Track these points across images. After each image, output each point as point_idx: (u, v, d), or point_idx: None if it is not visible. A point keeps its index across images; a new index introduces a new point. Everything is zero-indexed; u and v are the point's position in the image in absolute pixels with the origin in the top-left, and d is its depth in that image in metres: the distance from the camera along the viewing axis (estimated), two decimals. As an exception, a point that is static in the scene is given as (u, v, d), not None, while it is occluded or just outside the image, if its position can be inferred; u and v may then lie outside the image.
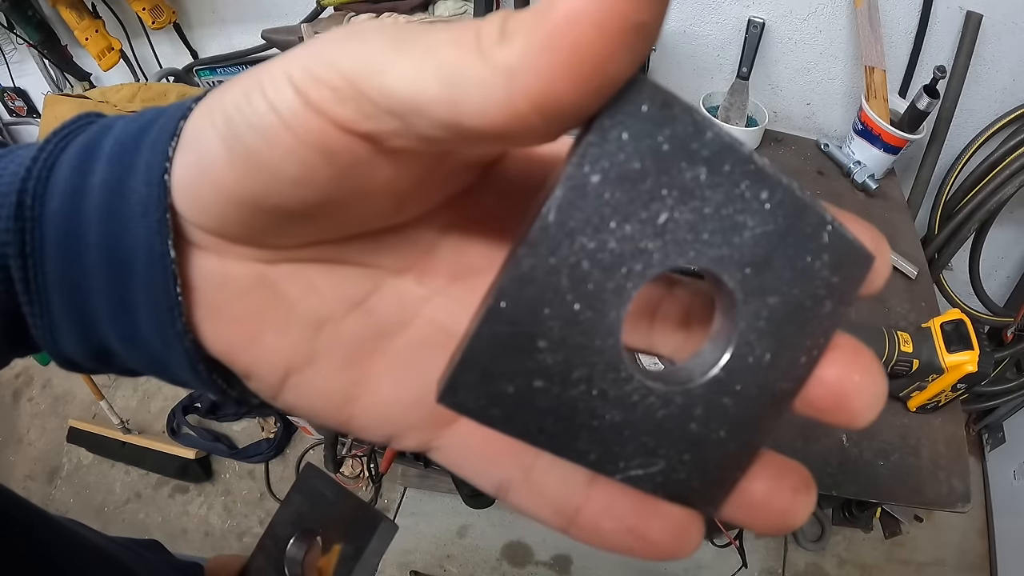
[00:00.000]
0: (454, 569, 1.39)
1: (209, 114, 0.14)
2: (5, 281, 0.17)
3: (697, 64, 1.10)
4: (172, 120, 0.15)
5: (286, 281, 0.17)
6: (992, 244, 1.13)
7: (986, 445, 1.46)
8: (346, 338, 0.17)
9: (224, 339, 0.17)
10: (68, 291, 0.16)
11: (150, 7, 1.20)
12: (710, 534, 1.32)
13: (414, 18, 0.99)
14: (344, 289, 0.17)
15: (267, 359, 0.17)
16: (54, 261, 0.16)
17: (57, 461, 1.59)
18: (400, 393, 0.18)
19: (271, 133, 0.13)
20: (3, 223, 0.16)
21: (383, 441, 0.18)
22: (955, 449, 0.71)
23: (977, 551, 1.38)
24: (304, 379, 0.17)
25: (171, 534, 1.46)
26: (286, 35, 1.09)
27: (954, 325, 0.67)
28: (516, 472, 0.17)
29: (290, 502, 0.40)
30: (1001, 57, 0.96)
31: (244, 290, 0.16)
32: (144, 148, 0.16)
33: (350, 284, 0.17)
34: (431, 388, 0.15)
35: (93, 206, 0.16)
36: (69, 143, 0.17)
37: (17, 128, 1.66)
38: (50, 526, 0.31)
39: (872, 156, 0.99)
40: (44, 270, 0.16)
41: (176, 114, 0.15)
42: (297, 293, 0.17)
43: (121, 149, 0.16)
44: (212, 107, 0.15)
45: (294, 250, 0.17)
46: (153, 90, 1.12)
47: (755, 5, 1.00)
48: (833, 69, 1.06)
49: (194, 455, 1.49)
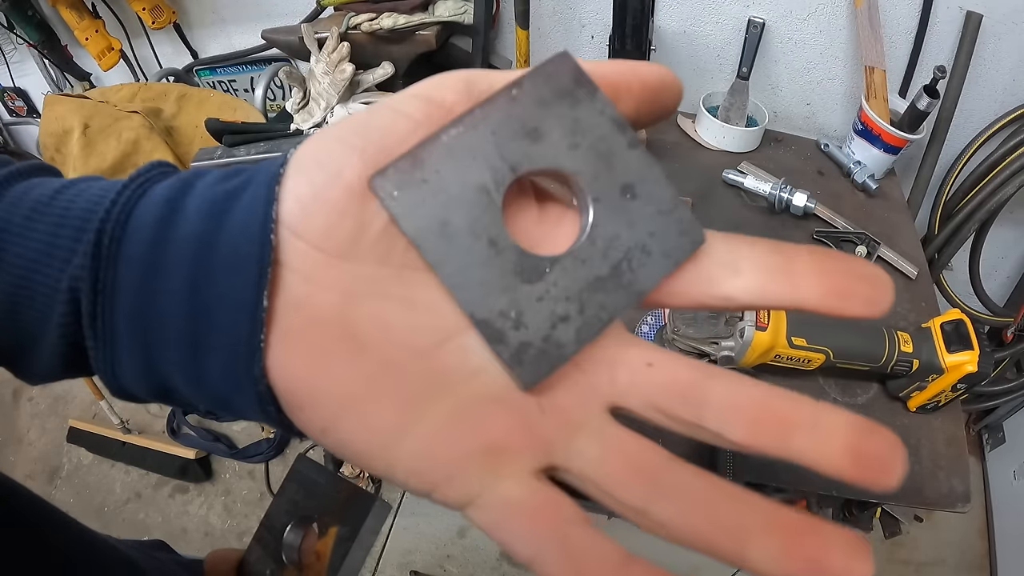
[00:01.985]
0: (454, 569, 1.39)
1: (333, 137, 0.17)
2: (74, 313, 0.18)
3: (697, 64, 1.10)
4: (268, 179, 0.17)
5: (362, 318, 0.17)
6: (992, 244, 1.13)
7: (986, 445, 1.46)
8: (409, 381, 0.17)
9: (290, 367, 0.17)
10: (137, 331, 0.17)
11: (150, 7, 1.20)
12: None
13: (414, 18, 0.99)
14: (417, 336, 0.18)
15: (328, 392, 0.17)
16: (126, 301, 0.17)
17: (57, 461, 1.59)
18: (451, 444, 0.17)
19: None
20: (80, 258, 0.17)
21: (423, 491, 0.18)
22: (955, 449, 0.71)
23: (977, 551, 1.38)
24: (359, 415, 0.17)
25: (171, 534, 1.46)
26: (286, 35, 1.09)
27: (954, 325, 0.67)
28: (552, 544, 0.17)
29: (284, 492, 0.40)
30: (1001, 57, 0.96)
31: (322, 320, 0.17)
32: (239, 208, 0.17)
33: (423, 331, 0.18)
34: (487, 442, 0.17)
35: (179, 256, 0.17)
36: (146, 191, 0.18)
37: (17, 128, 1.66)
38: (64, 524, 0.31)
39: (872, 156, 0.99)
40: (114, 308, 0.17)
41: (271, 172, 0.17)
42: (370, 331, 0.17)
43: (210, 208, 0.18)
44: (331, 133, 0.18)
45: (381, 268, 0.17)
46: (153, 90, 1.12)
47: (755, 5, 1.00)
48: (833, 69, 1.06)
49: (194, 455, 1.49)
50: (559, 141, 0.17)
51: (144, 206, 0.18)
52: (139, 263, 0.17)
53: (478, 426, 0.18)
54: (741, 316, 0.66)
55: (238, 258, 0.17)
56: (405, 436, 0.17)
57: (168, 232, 0.17)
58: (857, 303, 0.17)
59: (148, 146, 1.03)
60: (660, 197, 0.18)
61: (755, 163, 1.02)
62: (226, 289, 0.17)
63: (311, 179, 0.17)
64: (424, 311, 0.18)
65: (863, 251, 0.87)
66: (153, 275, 0.17)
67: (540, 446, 0.18)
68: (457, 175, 0.17)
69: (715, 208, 0.96)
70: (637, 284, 0.18)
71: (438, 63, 1.12)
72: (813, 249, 0.18)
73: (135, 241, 0.17)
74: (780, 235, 0.92)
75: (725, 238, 0.19)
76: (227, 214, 0.17)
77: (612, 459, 0.18)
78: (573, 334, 0.17)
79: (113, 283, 0.17)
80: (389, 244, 0.17)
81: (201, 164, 0.98)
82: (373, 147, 0.17)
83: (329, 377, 0.17)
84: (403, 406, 0.17)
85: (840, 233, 0.91)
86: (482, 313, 0.17)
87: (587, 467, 0.18)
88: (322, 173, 0.17)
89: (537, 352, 0.17)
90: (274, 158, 0.18)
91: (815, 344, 0.66)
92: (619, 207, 0.18)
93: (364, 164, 0.17)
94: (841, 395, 0.74)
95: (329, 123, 0.98)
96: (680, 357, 0.18)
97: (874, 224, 0.94)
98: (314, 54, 0.99)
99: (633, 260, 0.18)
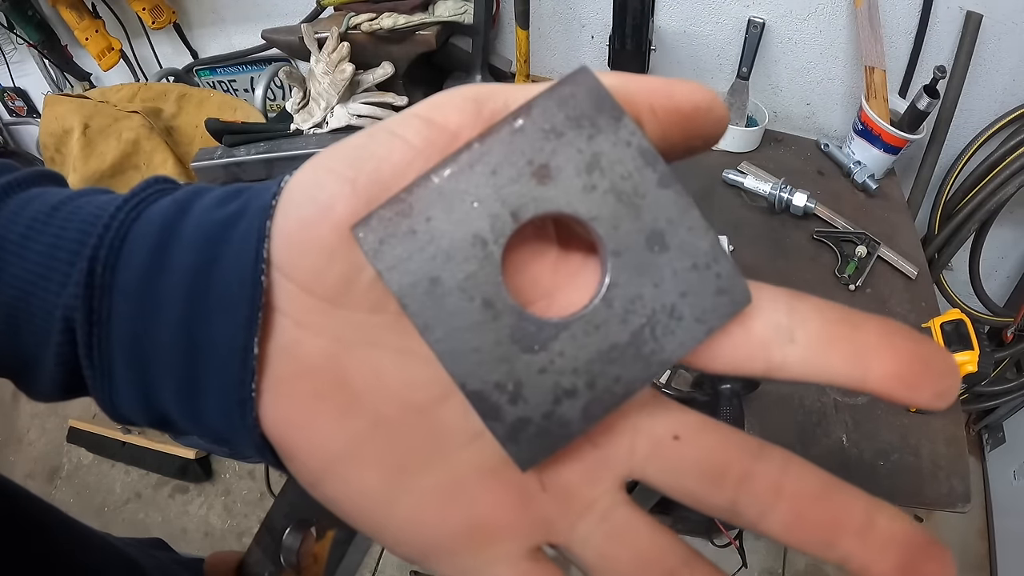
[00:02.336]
0: (454, 569, 1.39)
1: (325, 167, 0.16)
2: (70, 343, 0.17)
3: (697, 64, 1.10)
4: (261, 211, 0.16)
5: (355, 367, 0.16)
6: (992, 244, 1.13)
7: (986, 445, 1.46)
8: (402, 442, 0.16)
9: (280, 416, 0.16)
10: (134, 363, 0.17)
11: (150, 7, 1.20)
12: (710, 534, 1.32)
13: (414, 18, 0.99)
14: (413, 391, 0.17)
15: (317, 445, 0.16)
16: (122, 331, 0.17)
17: (57, 461, 1.59)
18: (441, 518, 0.16)
19: None
20: (73, 288, 0.17)
21: (413, 558, 0.17)
22: (955, 449, 0.71)
23: (977, 551, 1.38)
24: (347, 475, 0.16)
25: (171, 534, 1.46)
26: (286, 35, 1.09)
27: (954, 325, 0.67)
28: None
29: (285, 494, 0.40)
30: (1001, 57, 0.96)
31: (313, 368, 0.16)
32: (233, 241, 0.16)
33: (420, 386, 0.17)
34: (477, 520, 0.16)
35: (173, 290, 0.16)
36: (141, 212, 0.17)
37: (17, 128, 1.67)
38: (62, 523, 0.31)
39: (872, 156, 0.99)
40: (110, 338, 0.17)
41: (264, 203, 0.16)
42: (363, 381, 0.16)
43: (205, 239, 0.16)
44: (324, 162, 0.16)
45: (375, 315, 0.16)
46: (153, 90, 1.12)
47: (755, 5, 1.00)
48: (833, 69, 1.06)
49: (194, 455, 1.49)
50: (572, 181, 0.15)
51: (140, 228, 0.17)
52: (134, 292, 0.16)
53: (470, 501, 0.16)
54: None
55: (230, 300, 0.16)
56: (393, 503, 0.16)
57: (163, 261, 0.16)
58: (925, 395, 0.15)
59: (148, 146, 1.03)
60: (696, 248, 0.15)
61: (755, 163, 1.02)
62: (218, 330, 0.16)
63: (300, 215, 0.16)
64: (423, 364, 0.16)
65: (863, 251, 0.87)
66: (148, 307, 0.16)
67: (538, 527, 0.16)
68: (449, 224, 0.15)
69: (715, 208, 0.96)
70: (661, 354, 0.15)
71: (438, 63, 1.12)
72: (882, 322, 0.15)
73: (130, 267, 0.17)
74: (780, 235, 0.93)
75: (780, 294, 0.16)
76: (222, 245, 0.16)
77: (619, 553, 0.16)
78: (580, 412, 0.15)
79: (108, 313, 0.17)
80: (384, 290, 0.16)
81: (201, 164, 0.98)
82: (366, 178, 0.15)
83: (317, 432, 0.16)
84: (391, 471, 0.16)
85: (840, 233, 0.91)
86: (474, 384, 0.15)
87: (590, 558, 0.16)
88: (312, 208, 0.15)
89: (537, 430, 0.15)
90: (271, 182, 0.17)
91: (815, 344, 0.66)
92: (644, 262, 0.15)
93: (356, 198, 0.15)
94: (841, 395, 0.75)
95: (329, 124, 0.98)
96: (718, 427, 0.16)
97: (874, 224, 0.94)
98: (314, 54, 0.99)
99: (658, 327, 0.15)
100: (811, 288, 0.92)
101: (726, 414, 0.64)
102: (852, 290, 0.86)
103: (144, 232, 0.17)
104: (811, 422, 0.72)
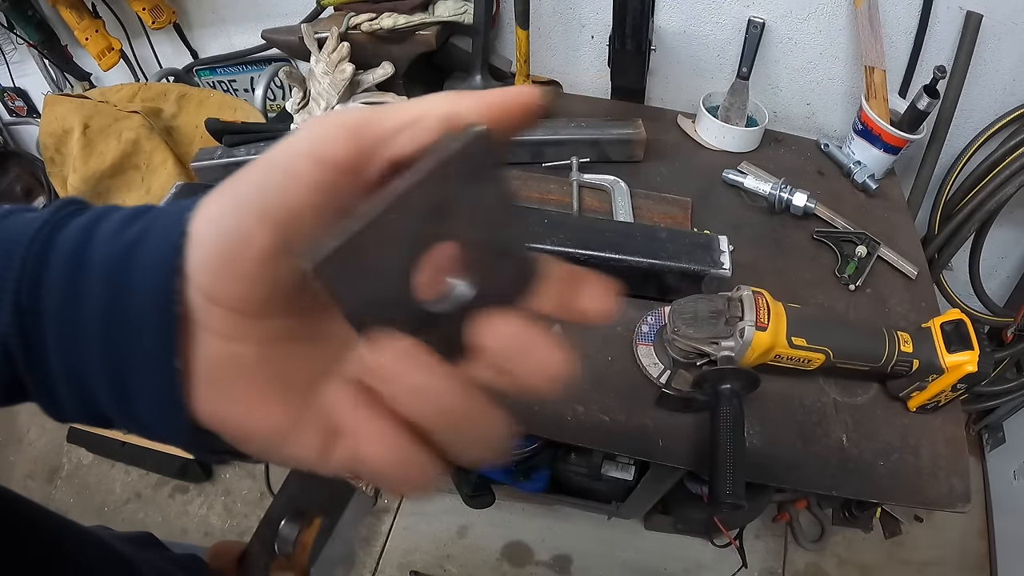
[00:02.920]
0: (454, 569, 1.39)
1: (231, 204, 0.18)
2: (8, 362, 0.19)
3: (697, 64, 1.10)
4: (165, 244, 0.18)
5: (280, 358, 0.19)
6: (992, 244, 1.13)
7: (986, 445, 1.46)
8: (328, 401, 0.20)
9: (224, 415, 0.19)
10: (71, 377, 0.19)
11: (150, 7, 1.20)
12: (710, 534, 1.32)
13: (414, 18, 0.99)
14: (319, 361, 0.20)
15: (264, 429, 0.19)
16: (55, 351, 0.19)
17: (57, 461, 1.59)
18: None
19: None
20: (5, 316, 0.19)
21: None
22: (955, 449, 0.71)
23: (977, 551, 1.39)
24: (294, 442, 0.20)
25: (171, 534, 1.46)
26: (286, 35, 1.09)
27: (954, 325, 0.67)
28: None
29: (285, 487, 0.41)
30: (1001, 57, 0.96)
31: (249, 370, 0.19)
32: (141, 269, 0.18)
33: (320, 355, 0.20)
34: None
35: (92, 314, 0.18)
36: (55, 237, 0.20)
37: (17, 128, 1.67)
38: (67, 528, 0.31)
39: (872, 156, 0.99)
40: (47, 358, 0.19)
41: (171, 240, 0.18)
42: (287, 368, 0.20)
43: (111, 268, 0.19)
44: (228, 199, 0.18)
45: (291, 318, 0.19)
46: (153, 90, 1.12)
47: (755, 5, 1.00)
48: (833, 69, 1.06)
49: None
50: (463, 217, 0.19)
51: (54, 256, 0.19)
52: (57, 319, 0.19)
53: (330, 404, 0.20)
54: (741, 316, 0.66)
55: (146, 326, 0.18)
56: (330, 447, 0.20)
57: (77, 289, 0.19)
58: None
59: (148, 146, 1.03)
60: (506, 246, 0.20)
61: (755, 163, 1.02)
62: (138, 357, 0.18)
63: (219, 249, 0.18)
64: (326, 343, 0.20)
65: (863, 251, 0.87)
66: (73, 331, 0.19)
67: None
68: (382, 254, 0.18)
69: (715, 208, 0.96)
70: None
71: (438, 63, 1.12)
72: None
73: (52, 295, 0.19)
74: (780, 235, 0.93)
75: None
76: (129, 275, 0.18)
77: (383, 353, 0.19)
78: None
79: (41, 337, 0.19)
80: (299, 297, 0.19)
81: (201, 164, 0.98)
82: (276, 213, 0.18)
83: (263, 419, 0.19)
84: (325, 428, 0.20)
85: (840, 233, 0.91)
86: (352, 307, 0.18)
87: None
88: (228, 242, 0.18)
89: None
90: (172, 207, 0.19)
91: (815, 344, 0.66)
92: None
93: (275, 230, 0.17)
94: (841, 395, 0.74)
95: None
96: None
97: (874, 224, 0.94)
98: (314, 54, 0.99)
99: None
100: (811, 288, 0.92)
101: (726, 414, 0.64)
102: (852, 290, 0.86)
103: (56, 261, 0.19)
104: (811, 422, 0.72)
